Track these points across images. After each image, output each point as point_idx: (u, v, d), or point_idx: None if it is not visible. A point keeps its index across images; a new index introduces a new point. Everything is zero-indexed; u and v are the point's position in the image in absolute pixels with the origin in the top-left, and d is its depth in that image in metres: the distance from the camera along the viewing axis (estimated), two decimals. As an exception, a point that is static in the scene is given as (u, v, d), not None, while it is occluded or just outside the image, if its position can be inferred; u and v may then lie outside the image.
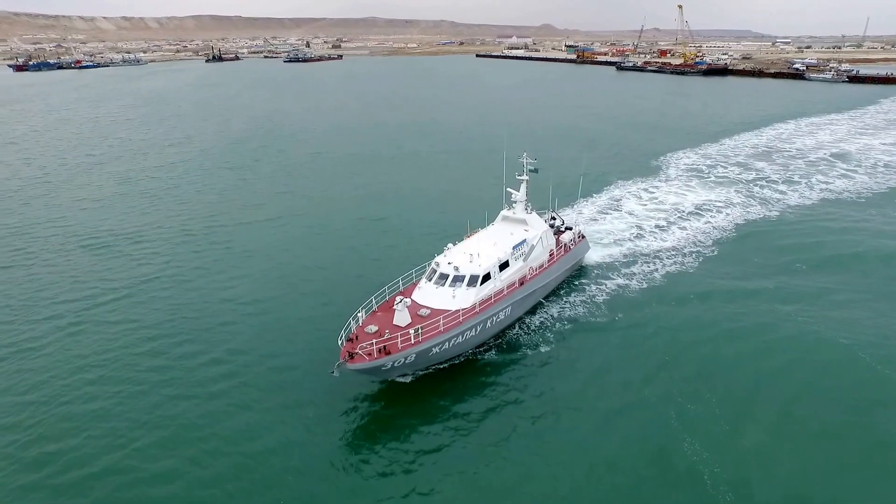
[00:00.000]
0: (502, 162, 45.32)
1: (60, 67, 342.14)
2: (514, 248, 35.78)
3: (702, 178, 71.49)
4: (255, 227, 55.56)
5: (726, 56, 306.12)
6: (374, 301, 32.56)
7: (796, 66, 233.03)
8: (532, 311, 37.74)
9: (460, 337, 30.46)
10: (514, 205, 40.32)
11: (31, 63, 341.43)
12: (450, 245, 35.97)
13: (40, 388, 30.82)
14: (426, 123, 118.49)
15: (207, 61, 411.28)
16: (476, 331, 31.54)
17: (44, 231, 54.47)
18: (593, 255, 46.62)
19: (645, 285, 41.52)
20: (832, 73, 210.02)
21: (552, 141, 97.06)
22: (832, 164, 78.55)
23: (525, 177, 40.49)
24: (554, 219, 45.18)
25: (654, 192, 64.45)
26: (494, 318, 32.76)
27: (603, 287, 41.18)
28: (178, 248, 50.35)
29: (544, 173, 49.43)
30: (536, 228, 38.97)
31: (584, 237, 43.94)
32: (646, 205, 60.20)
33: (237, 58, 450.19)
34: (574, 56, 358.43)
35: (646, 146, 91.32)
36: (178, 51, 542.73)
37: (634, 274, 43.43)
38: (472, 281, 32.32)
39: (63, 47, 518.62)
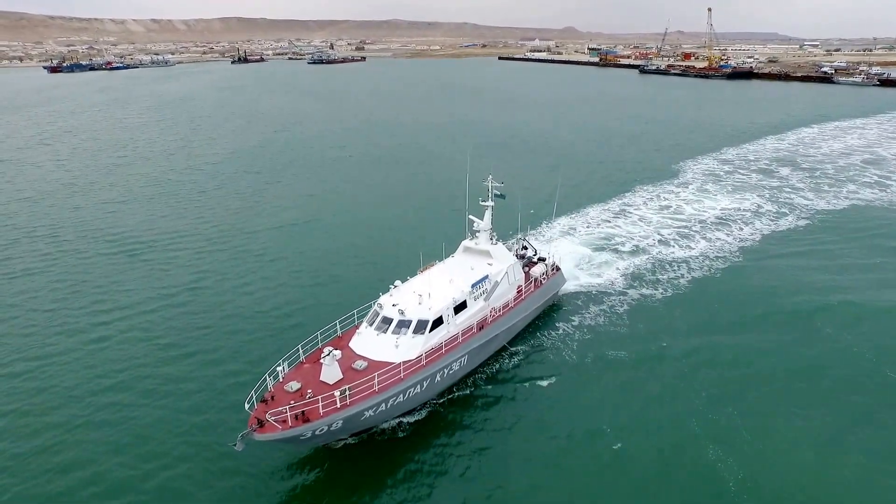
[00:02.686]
0: (465, 185, 40.03)
1: (92, 69, 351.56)
2: (473, 285, 31.28)
3: (721, 183, 70.96)
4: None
5: (752, 59, 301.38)
6: (300, 350, 27.62)
7: (824, 69, 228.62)
8: (496, 356, 33.21)
9: (401, 396, 25.88)
10: (476, 234, 35.46)
11: (64, 65, 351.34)
12: (397, 282, 31.13)
13: (59, 404, 29.63)
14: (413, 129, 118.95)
15: (233, 63, 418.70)
16: (421, 387, 26.91)
17: (70, 235, 54.75)
18: (614, 265, 44.63)
19: (670, 293, 41.03)
20: (862, 76, 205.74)
21: (548, 150, 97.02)
22: (864, 169, 77.51)
23: (490, 202, 35.61)
24: (525, 248, 40.46)
25: (668, 200, 63.78)
26: (446, 371, 28.22)
27: (622, 299, 39.60)
28: (182, 257, 48.94)
29: (528, 191, 46.51)
30: (502, 262, 34.26)
31: (558, 269, 39.16)
32: (660, 212, 59.95)
33: (262, 59, 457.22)
34: (597, 59, 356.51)
35: (665, 151, 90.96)
36: (204, 52, 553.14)
37: (653, 285, 42.93)
38: (420, 327, 27.74)
39: (95, 49, 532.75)
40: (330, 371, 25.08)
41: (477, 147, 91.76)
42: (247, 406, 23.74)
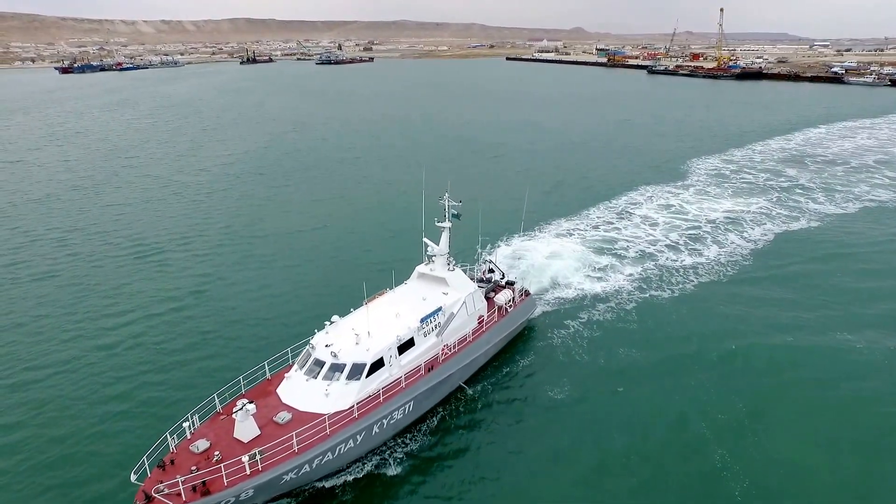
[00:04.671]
0: (420, 204, 35.48)
1: (102, 69, 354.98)
2: (422, 320, 27.82)
3: (729, 184, 70.51)
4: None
5: (761, 59, 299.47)
6: (216, 400, 23.81)
7: (835, 69, 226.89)
8: (453, 396, 29.25)
9: (329, 454, 22.52)
10: (432, 259, 31.81)
11: (75, 66, 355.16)
12: (335, 318, 27.45)
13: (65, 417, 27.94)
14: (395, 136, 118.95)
15: (242, 63, 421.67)
16: (355, 442, 23.50)
17: (78, 239, 53.29)
18: (615, 272, 42.52)
19: (677, 295, 40.98)
20: (873, 76, 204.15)
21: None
22: (877, 169, 76.84)
23: (446, 223, 31.66)
24: (492, 271, 36.69)
25: (674, 201, 63.14)
26: (386, 421, 24.68)
27: (602, 316, 37.13)
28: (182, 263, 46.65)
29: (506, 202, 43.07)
30: (459, 290, 30.61)
31: (528, 294, 35.44)
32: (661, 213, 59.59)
33: (271, 60, 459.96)
34: (605, 60, 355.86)
35: (669, 152, 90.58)
36: (213, 53, 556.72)
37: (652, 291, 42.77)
38: (355, 371, 24.35)
39: (105, 50, 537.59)
40: (244, 427, 21.47)
41: (464, 154, 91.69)
42: (133, 478, 19.71)
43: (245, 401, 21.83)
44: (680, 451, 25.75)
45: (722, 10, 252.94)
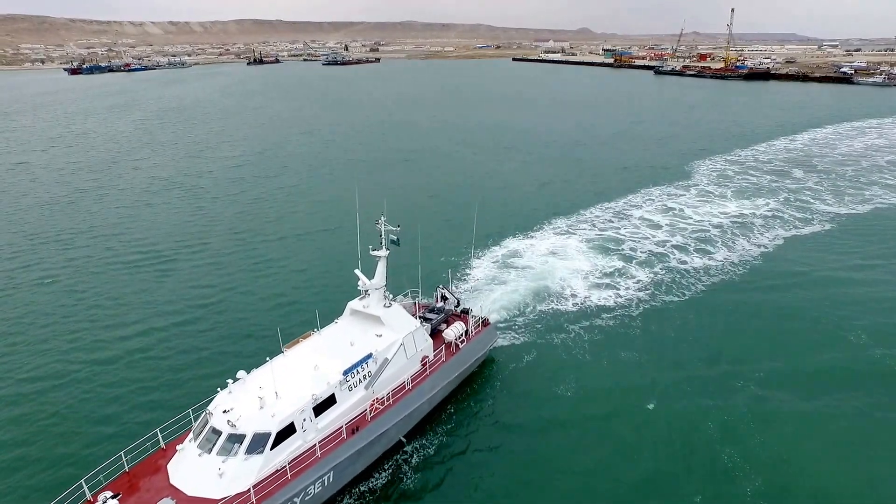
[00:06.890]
0: (354, 228, 30.53)
1: (111, 70, 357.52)
2: (346, 372, 23.43)
3: (737, 185, 69.99)
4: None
5: (769, 60, 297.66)
6: (84, 487, 19.11)
7: (844, 69, 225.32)
8: (390, 454, 25.00)
9: None
10: (366, 294, 27.48)
11: (84, 66, 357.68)
12: (241, 373, 22.54)
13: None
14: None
15: (249, 64, 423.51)
16: None
17: (83, 242, 52.65)
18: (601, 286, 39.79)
19: (678, 298, 40.70)
20: (883, 76, 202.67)
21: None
22: (889, 170, 76.34)
23: (382, 252, 27.47)
24: (445, 298, 32.21)
25: (677, 203, 62.61)
26: (298, 500, 20.59)
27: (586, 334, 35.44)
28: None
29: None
30: (396, 331, 26.35)
31: (487, 323, 30.95)
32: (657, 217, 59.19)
33: (277, 60, 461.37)
34: (611, 60, 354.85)
35: (675, 151, 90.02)
36: (220, 54, 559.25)
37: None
38: (257, 443, 20.11)
39: (114, 51, 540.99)
40: None
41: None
42: None
43: (108, 494, 17.80)
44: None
45: (733, 10, 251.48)
